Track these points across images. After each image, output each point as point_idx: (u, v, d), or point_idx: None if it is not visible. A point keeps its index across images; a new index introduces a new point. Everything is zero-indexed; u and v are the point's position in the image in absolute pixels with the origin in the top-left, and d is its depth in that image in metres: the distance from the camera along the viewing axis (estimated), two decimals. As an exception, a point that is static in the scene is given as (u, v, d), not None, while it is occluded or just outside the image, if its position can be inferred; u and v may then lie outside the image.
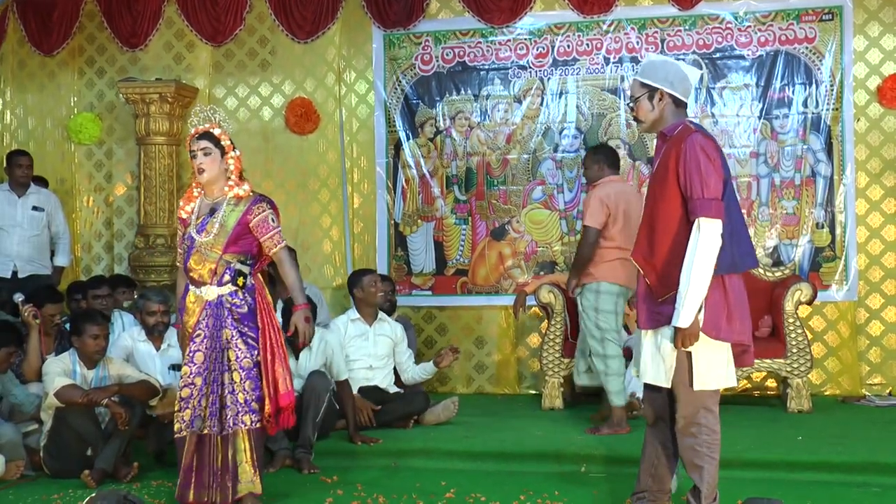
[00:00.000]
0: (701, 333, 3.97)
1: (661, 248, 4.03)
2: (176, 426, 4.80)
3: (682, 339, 3.97)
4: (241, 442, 4.75)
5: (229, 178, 4.89)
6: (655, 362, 4.09)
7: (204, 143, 4.84)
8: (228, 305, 4.79)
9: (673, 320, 3.96)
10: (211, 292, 4.80)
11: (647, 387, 4.24)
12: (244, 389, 4.77)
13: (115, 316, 6.89)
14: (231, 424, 4.75)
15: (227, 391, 4.76)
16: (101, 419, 5.68)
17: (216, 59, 8.48)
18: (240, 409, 4.76)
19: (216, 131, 4.88)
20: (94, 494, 4.13)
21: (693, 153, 3.95)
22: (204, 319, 4.80)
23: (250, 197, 4.87)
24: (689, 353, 4.00)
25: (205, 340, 4.80)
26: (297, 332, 4.79)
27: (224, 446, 4.76)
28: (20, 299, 6.21)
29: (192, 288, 4.86)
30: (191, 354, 4.80)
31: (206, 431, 4.78)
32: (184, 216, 4.95)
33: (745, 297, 4.10)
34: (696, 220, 3.91)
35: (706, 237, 3.89)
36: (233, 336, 4.78)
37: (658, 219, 4.07)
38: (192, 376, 4.79)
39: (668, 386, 4.06)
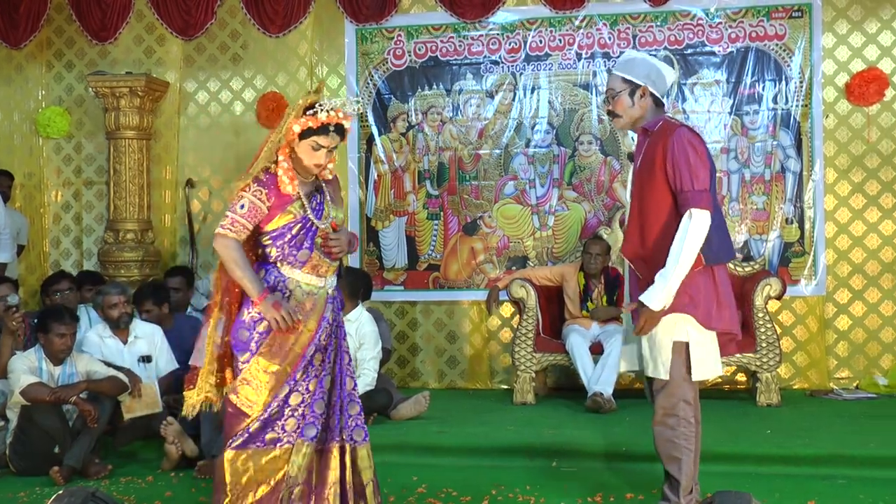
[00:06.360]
0: (696, 323, 4.02)
1: (653, 242, 4.05)
2: (269, 436, 4.05)
3: (645, 320, 4.00)
4: (366, 458, 4.18)
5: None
6: (653, 356, 4.11)
7: (337, 140, 4.12)
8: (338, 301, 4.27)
9: (645, 298, 3.97)
10: (331, 284, 4.20)
11: (648, 381, 4.26)
12: (355, 400, 4.23)
13: (82, 311, 6.83)
14: (355, 438, 4.16)
15: (345, 400, 4.17)
16: (69, 416, 5.63)
17: (187, 52, 8.41)
18: (358, 422, 4.19)
19: (347, 125, 4.15)
20: (60, 492, 4.09)
21: (681, 147, 3.98)
22: (327, 315, 4.16)
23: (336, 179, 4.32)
24: (687, 344, 4.04)
25: (326, 339, 4.16)
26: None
27: (343, 460, 4.15)
28: (16, 302, 6.10)
29: (310, 278, 4.11)
30: (308, 357, 4.09)
31: (327, 445, 4.13)
32: (290, 193, 4.07)
33: (730, 286, 4.16)
34: (688, 210, 3.93)
35: (696, 226, 3.92)
36: (341, 336, 4.24)
37: (648, 214, 4.09)
38: (307, 381, 4.08)
39: (667, 378, 4.08)
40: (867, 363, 7.52)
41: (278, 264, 4.10)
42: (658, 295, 3.97)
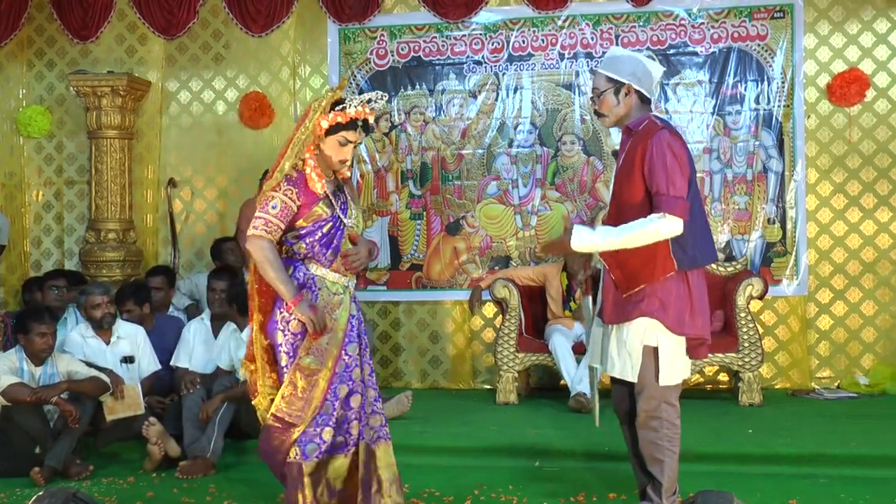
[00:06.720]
0: (666, 329, 4.01)
1: None
2: (339, 440, 4.13)
3: (556, 245, 4.22)
4: (391, 455, 4.26)
5: None
6: (622, 358, 4.11)
7: (363, 135, 4.16)
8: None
9: (576, 230, 4.05)
10: (354, 283, 4.25)
11: (614, 381, 4.26)
12: (378, 397, 4.32)
13: (70, 311, 6.82)
14: (382, 436, 4.24)
15: (376, 397, 4.28)
16: (50, 416, 5.60)
17: (169, 52, 8.37)
18: (384, 421, 4.28)
19: (372, 120, 4.23)
20: (41, 493, 4.06)
21: (660, 150, 3.96)
22: (354, 312, 4.21)
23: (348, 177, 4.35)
24: (656, 349, 4.03)
25: (358, 337, 4.22)
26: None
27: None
28: None
29: (337, 277, 4.15)
30: (353, 356, 4.17)
31: (373, 444, 4.23)
32: (318, 192, 4.09)
33: (706, 291, 4.15)
34: (662, 213, 3.92)
35: (662, 227, 3.91)
36: (363, 332, 4.29)
37: (625, 214, 4.08)
38: (350, 396, 4.15)
39: (635, 380, 4.08)
40: (848, 363, 7.56)
41: (306, 262, 4.13)
42: (587, 240, 4.04)
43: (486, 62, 7.92)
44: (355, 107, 4.07)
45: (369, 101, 4.12)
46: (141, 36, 8.37)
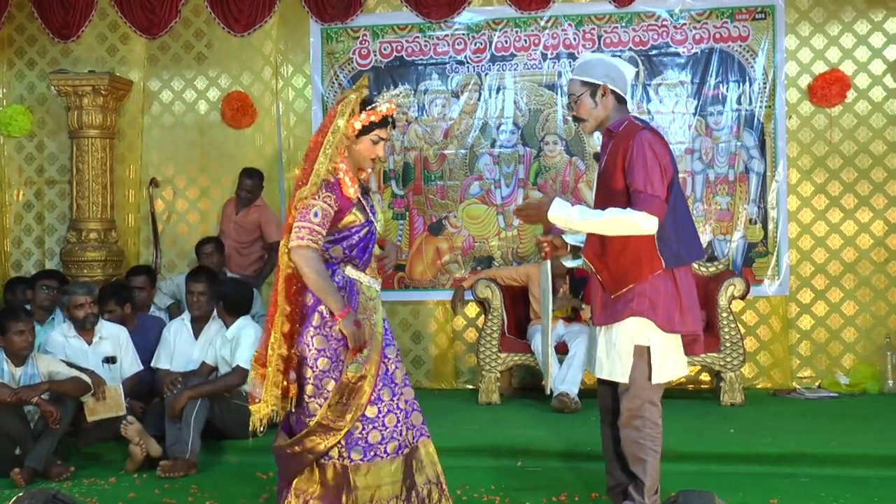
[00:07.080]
0: (657, 328, 4.02)
1: (613, 245, 4.04)
2: (391, 446, 4.10)
3: (532, 212, 4.13)
4: (433, 453, 4.24)
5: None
6: (611, 359, 4.10)
7: (392, 132, 4.20)
8: None
9: (558, 201, 4.04)
10: (379, 287, 4.27)
11: (600, 381, 4.27)
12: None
13: (58, 311, 6.79)
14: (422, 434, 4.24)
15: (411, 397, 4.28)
16: (31, 417, 5.58)
17: (151, 51, 8.34)
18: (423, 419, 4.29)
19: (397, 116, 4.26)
20: (21, 494, 4.03)
21: (640, 149, 3.97)
22: (385, 317, 4.27)
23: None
24: (648, 349, 4.03)
25: (391, 337, 4.26)
26: None
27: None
28: None
29: (369, 279, 4.19)
30: (392, 359, 4.20)
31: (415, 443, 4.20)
32: (352, 196, 4.10)
33: (694, 287, 4.16)
34: (641, 210, 3.91)
35: (638, 222, 3.90)
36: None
37: None
38: (395, 398, 4.13)
39: (626, 381, 4.08)
40: (829, 363, 7.60)
41: (341, 265, 4.11)
42: (564, 213, 4.01)
43: (468, 62, 7.92)
44: (386, 104, 4.13)
45: (394, 96, 4.19)
46: (122, 35, 8.33)
